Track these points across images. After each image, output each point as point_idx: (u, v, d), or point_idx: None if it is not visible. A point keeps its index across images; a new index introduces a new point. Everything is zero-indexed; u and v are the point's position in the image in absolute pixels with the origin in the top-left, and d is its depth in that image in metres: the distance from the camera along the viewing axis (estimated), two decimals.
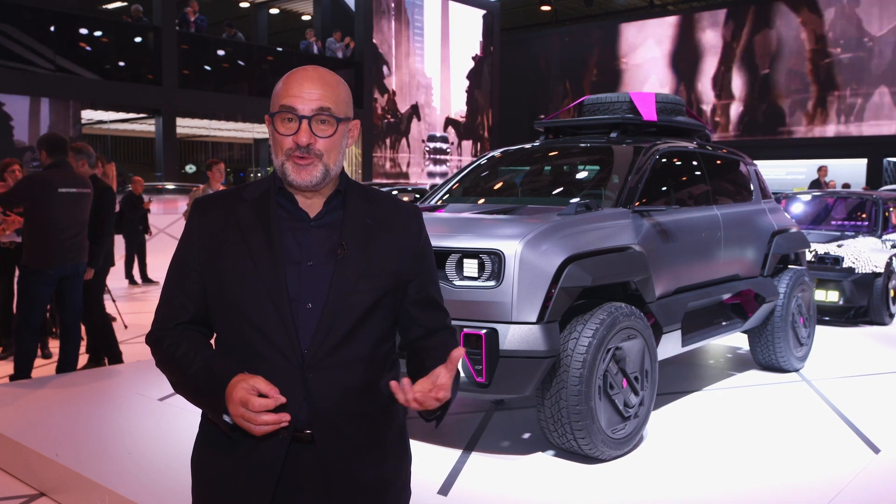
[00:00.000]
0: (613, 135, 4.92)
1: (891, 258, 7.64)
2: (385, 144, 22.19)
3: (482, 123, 25.26)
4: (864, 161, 21.12)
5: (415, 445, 1.75)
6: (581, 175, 4.87)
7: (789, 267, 5.71)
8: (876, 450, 3.89)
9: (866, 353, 6.29)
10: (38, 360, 5.98)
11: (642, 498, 3.29)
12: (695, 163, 5.01)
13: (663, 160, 4.61)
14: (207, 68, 17.81)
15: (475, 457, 3.73)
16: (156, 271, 10.86)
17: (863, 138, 21.35)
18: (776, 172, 20.47)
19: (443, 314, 1.71)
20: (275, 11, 23.63)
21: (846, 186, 14.76)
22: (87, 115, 17.44)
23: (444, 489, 3.30)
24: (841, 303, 7.41)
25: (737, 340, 6.38)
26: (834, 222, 8.80)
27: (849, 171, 19.31)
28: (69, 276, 5.15)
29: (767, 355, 5.44)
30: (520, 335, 3.39)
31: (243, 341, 1.53)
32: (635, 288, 3.95)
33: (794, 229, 5.86)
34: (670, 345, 4.22)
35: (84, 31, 15.44)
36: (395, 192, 12.78)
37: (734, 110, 23.64)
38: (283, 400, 1.41)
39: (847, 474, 3.55)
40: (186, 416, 4.05)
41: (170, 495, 3.10)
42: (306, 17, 24.15)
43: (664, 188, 4.64)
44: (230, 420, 1.47)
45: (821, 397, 4.91)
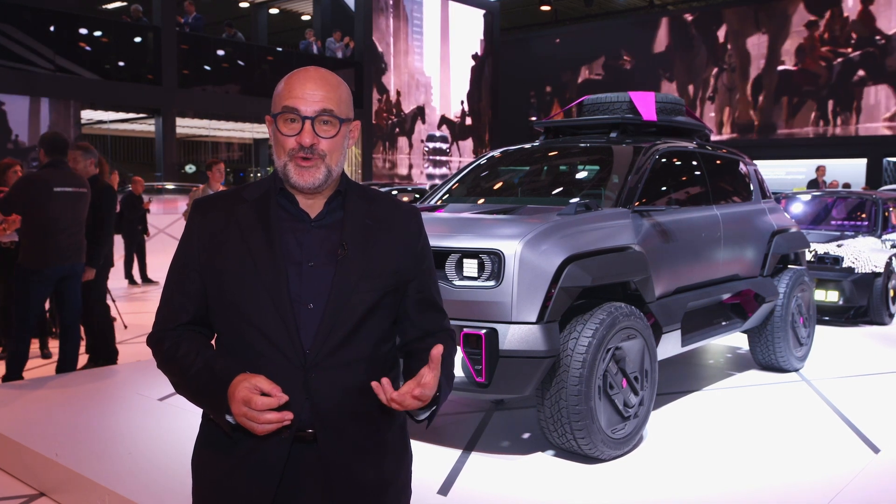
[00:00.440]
0: (613, 135, 4.92)
1: (890, 258, 7.65)
2: (389, 146, 22.18)
3: (482, 123, 25.26)
4: (863, 161, 21.13)
5: (415, 445, 1.75)
6: (581, 175, 4.87)
7: (789, 267, 5.71)
8: (876, 450, 3.89)
9: (866, 353, 6.29)
10: (38, 360, 6.00)
11: (642, 498, 3.29)
12: (694, 163, 5.01)
13: (663, 160, 4.61)
14: (207, 68, 17.81)
15: (475, 457, 3.73)
16: (156, 271, 10.86)
17: (862, 138, 21.36)
18: (776, 172, 20.48)
19: (440, 316, 1.71)
20: (274, 11, 23.63)
21: (846, 186, 14.77)
22: (87, 115, 17.44)
23: (444, 489, 3.30)
24: (841, 303, 7.41)
25: (736, 340, 6.38)
26: (834, 222, 8.80)
27: (848, 171, 19.31)
28: (67, 277, 5.13)
29: (767, 355, 5.44)
30: (519, 335, 3.39)
31: (244, 342, 1.54)
32: (635, 288, 3.95)
33: (793, 229, 5.86)
34: (670, 345, 4.22)
35: (84, 30, 15.44)
36: (394, 193, 12.77)
37: (734, 110, 23.64)
38: (285, 398, 1.42)
39: (847, 474, 3.55)
40: (186, 416, 4.05)
41: (170, 495, 3.11)
42: (306, 17, 24.15)
43: (664, 188, 4.64)
44: (232, 420, 1.47)
45: (820, 397, 4.91)
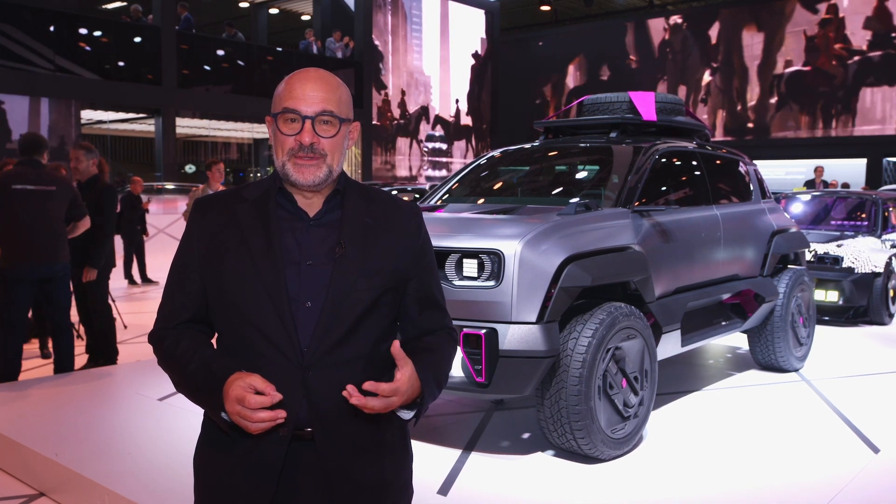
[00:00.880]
0: (613, 135, 4.92)
1: (890, 258, 7.65)
2: (391, 147, 22.17)
3: (482, 123, 25.25)
4: (863, 161, 21.14)
5: (415, 445, 1.75)
6: (581, 175, 4.87)
7: (789, 267, 5.71)
8: (875, 449, 3.89)
9: (866, 353, 6.29)
10: (38, 360, 6.00)
11: (642, 498, 3.29)
12: (694, 163, 5.01)
13: (663, 160, 4.61)
14: (207, 68, 17.82)
15: (475, 457, 3.73)
16: (155, 271, 10.86)
17: (862, 138, 21.37)
18: (776, 172, 20.48)
19: (441, 315, 1.71)
20: (274, 11, 23.63)
21: (845, 186, 14.77)
22: (87, 115, 17.45)
23: (444, 489, 3.30)
24: (840, 303, 7.41)
25: (736, 340, 6.38)
26: (833, 222, 8.80)
27: (848, 171, 19.32)
28: (49, 278, 5.02)
29: (767, 355, 5.44)
30: (519, 335, 3.39)
31: (244, 341, 1.54)
32: (635, 288, 3.95)
33: (793, 229, 5.86)
34: (670, 345, 4.22)
35: (84, 30, 15.44)
36: (394, 192, 12.77)
37: (734, 110, 23.64)
38: (279, 397, 1.42)
39: (847, 474, 3.55)
40: (186, 416, 4.05)
41: (170, 495, 3.11)
42: (306, 17, 24.15)
43: (664, 188, 4.64)
44: (227, 418, 1.48)
45: (820, 397, 4.91)
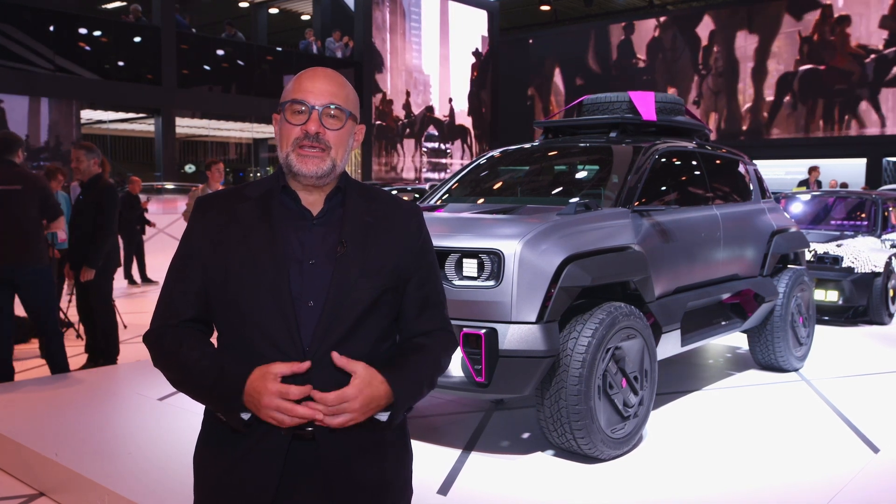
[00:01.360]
0: (613, 134, 4.92)
1: (890, 258, 7.65)
2: (397, 147, 22.18)
3: (481, 123, 25.24)
4: (863, 161, 21.14)
5: (414, 445, 1.75)
6: (580, 175, 4.87)
7: (789, 266, 5.71)
8: (875, 449, 3.89)
9: (866, 353, 6.29)
10: (38, 360, 5.99)
11: (642, 498, 3.29)
12: (694, 162, 5.01)
13: (663, 160, 4.61)
14: (207, 68, 17.81)
15: (475, 456, 3.73)
16: (155, 271, 10.85)
17: (862, 138, 21.36)
18: (776, 172, 20.47)
19: (440, 315, 1.69)
20: (274, 11, 23.62)
21: (843, 186, 14.77)
22: (87, 115, 17.44)
23: (444, 489, 3.30)
24: (840, 302, 7.41)
25: (736, 340, 6.39)
26: (833, 222, 8.80)
27: (848, 171, 19.32)
28: (19, 284, 4.89)
29: (767, 355, 5.44)
30: (519, 335, 3.39)
31: (245, 340, 1.54)
32: (635, 288, 3.95)
33: (793, 229, 5.86)
34: (670, 344, 4.22)
35: (83, 30, 15.44)
36: (393, 192, 12.70)
37: (734, 110, 23.64)
38: (306, 365, 1.46)
39: (846, 474, 3.55)
40: (186, 416, 4.05)
41: (170, 495, 3.11)
42: (306, 17, 24.14)
43: (663, 188, 4.64)
44: (247, 416, 1.48)
45: (820, 397, 4.91)
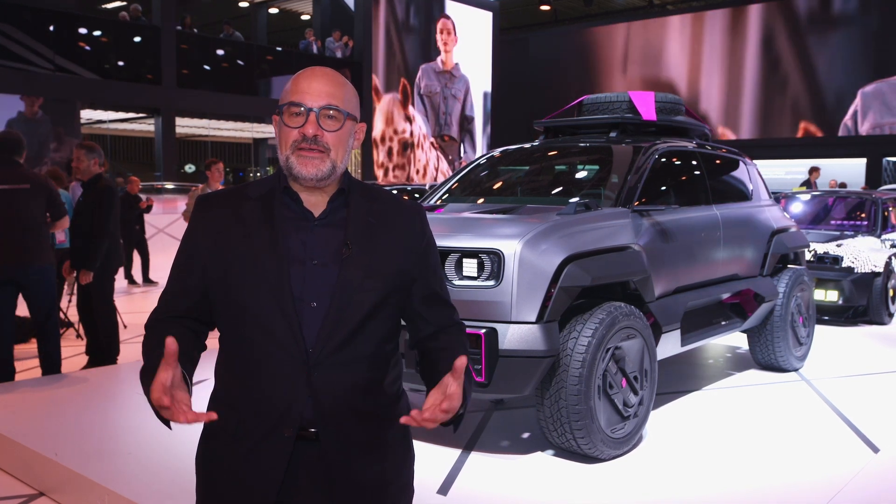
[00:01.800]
0: (613, 134, 4.92)
1: (890, 258, 7.65)
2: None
3: (481, 123, 25.24)
4: (863, 161, 21.14)
5: (415, 445, 1.75)
6: (580, 175, 4.87)
7: (789, 266, 5.71)
8: (875, 449, 3.89)
9: (865, 353, 6.29)
10: (38, 359, 5.98)
11: (642, 498, 3.29)
12: (694, 162, 5.01)
13: (662, 160, 4.61)
14: (207, 68, 17.81)
15: (475, 456, 3.73)
16: (154, 271, 10.84)
17: (861, 138, 21.36)
18: (776, 172, 20.47)
19: (450, 310, 1.71)
20: (274, 11, 23.62)
21: (842, 186, 14.78)
22: (87, 115, 17.44)
23: (444, 489, 3.30)
24: (840, 302, 7.41)
25: (736, 340, 6.39)
26: (833, 222, 8.80)
27: (848, 171, 19.33)
28: (25, 281, 4.92)
29: (767, 355, 5.44)
30: (519, 335, 3.39)
31: (248, 340, 1.54)
32: (635, 287, 3.96)
33: (793, 229, 5.86)
34: (670, 344, 4.22)
35: (83, 30, 15.44)
36: (393, 192, 12.70)
37: (734, 111, 23.65)
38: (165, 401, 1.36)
39: (846, 474, 3.55)
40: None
41: (170, 495, 3.11)
42: (305, 17, 24.14)
43: (663, 188, 4.64)
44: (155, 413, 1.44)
45: (820, 397, 4.91)
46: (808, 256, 7.38)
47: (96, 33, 15.77)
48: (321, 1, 21.91)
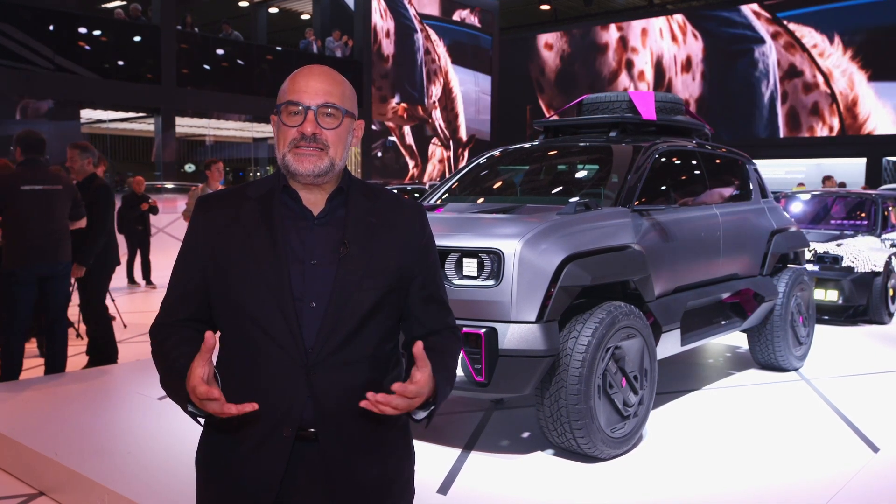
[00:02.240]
0: (613, 134, 4.92)
1: (890, 257, 7.65)
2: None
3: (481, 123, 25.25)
4: (863, 161, 21.13)
5: (415, 444, 1.75)
6: (580, 174, 4.87)
7: (788, 266, 5.71)
8: (875, 449, 3.89)
9: (865, 353, 6.30)
10: (38, 358, 5.99)
11: (642, 497, 3.29)
12: (694, 162, 5.01)
13: (662, 159, 4.61)
14: (207, 67, 17.81)
15: (474, 456, 3.73)
16: (154, 271, 10.83)
17: (862, 137, 21.36)
18: (776, 172, 20.47)
19: (446, 313, 1.71)
20: (274, 10, 23.61)
21: (842, 185, 14.77)
22: (87, 115, 17.43)
23: (444, 488, 3.30)
24: (840, 302, 7.41)
25: (736, 340, 6.39)
26: (833, 221, 8.80)
27: (848, 171, 19.32)
28: (48, 277, 5.01)
29: (766, 354, 5.44)
30: (519, 334, 3.39)
31: (247, 340, 1.54)
32: (634, 287, 3.95)
33: (793, 228, 5.86)
34: (669, 344, 4.22)
35: (83, 30, 15.43)
36: (394, 191, 12.71)
37: (733, 111, 23.64)
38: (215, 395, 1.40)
39: (846, 473, 3.55)
40: (186, 416, 4.04)
41: (170, 495, 3.11)
42: (305, 17, 24.13)
43: (663, 187, 4.64)
44: (194, 409, 1.49)
45: (820, 396, 4.91)
46: (807, 256, 7.38)
47: (96, 33, 15.77)
48: (321, 1, 21.90)
